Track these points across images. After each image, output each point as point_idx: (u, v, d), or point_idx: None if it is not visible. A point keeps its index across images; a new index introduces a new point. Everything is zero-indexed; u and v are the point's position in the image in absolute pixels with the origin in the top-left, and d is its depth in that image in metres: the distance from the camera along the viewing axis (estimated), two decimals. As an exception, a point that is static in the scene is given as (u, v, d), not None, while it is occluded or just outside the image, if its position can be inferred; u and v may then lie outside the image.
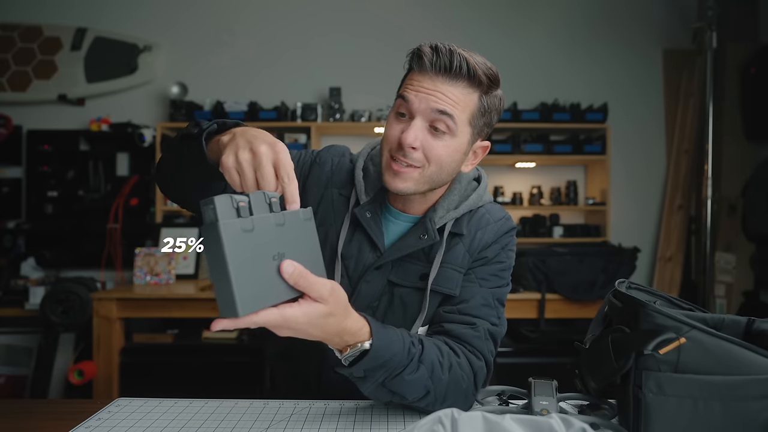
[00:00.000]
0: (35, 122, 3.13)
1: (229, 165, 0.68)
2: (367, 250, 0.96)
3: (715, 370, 0.68)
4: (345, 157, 1.05)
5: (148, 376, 2.48)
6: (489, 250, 0.97)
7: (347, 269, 0.97)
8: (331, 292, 0.67)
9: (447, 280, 0.94)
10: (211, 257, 0.56)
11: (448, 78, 0.85)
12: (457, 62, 0.84)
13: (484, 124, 0.92)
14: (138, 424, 0.83)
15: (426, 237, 0.93)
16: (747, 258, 2.93)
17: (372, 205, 0.97)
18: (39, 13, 3.14)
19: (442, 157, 0.88)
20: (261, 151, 0.67)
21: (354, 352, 0.75)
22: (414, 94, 0.86)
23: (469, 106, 0.87)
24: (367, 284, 0.96)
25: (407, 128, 0.86)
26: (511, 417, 0.62)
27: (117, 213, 3.00)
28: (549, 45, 3.24)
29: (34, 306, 2.65)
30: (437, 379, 0.82)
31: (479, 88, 0.87)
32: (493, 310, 0.94)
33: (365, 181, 0.99)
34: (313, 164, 1.03)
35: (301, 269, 0.64)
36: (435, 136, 0.87)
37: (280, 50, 3.22)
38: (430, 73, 0.86)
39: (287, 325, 0.64)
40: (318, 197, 1.00)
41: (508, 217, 1.02)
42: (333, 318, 0.68)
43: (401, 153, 0.87)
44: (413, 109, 0.86)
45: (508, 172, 3.24)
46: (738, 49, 3.10)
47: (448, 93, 0.85)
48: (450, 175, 0.93)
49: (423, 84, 0.86)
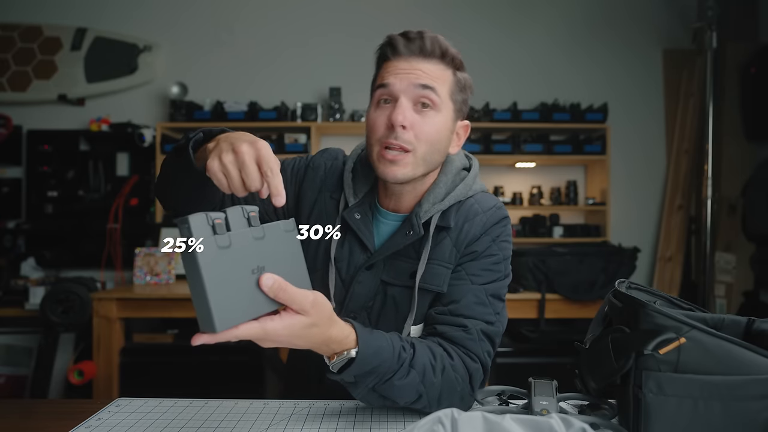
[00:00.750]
0: (35, 122, 3.13)
1: (214, 169, 0.69)
2: (358, 251, 0.96)
3: (715, 370, 0.68)
4: (338, 160, 1.05)
5: (148, 376, 2.48)
6: (478, 244, 0.93)
7: (340, 272, 0.97)
8: (313, 304, 0.67)
9: (434, 277, 0.92)
10: (189, 274, 0.58)
11: (423, 57, 0.89)
12: (428, 43, 0.88)
13: (462, 100, 0.94)
14: (138, 424, 0.83)
15: (411, 233, 0.92)
16: (747, 258, 2.93)
17: (361, 206, 0.97)
18: (39, 13, 3.14)
19: (431, 134, 0.89)
20: (243, 150, 0.68)
21: (341, 360, 0.75)
22: (394, 76, 0.88)
23: (447, 81, 0.90)
24: (359, 285, 0.95)
25: (394, 110, 0.87)
26: (511, 417, 0.62)
27: (117, 213, 3.00)
28: (549, 45, 3.24)
29: (34, 306, 2.65)
30: (429, 383, 0.81)
31: (452, 65, 0.91)
32: (487, 308, 0.90)
33: (354, 183, 0.99)
34: (308, 169, 1.03)
35: (281, 282, 0.64)
36: (422, 113, 0.88)
37: (280, 50, 3.23)
38: (405, 56, 0.89)
39: (268, 337, 0.64)
40: (312, 202, 1.00)
41: (500, 206, 0.98)
42: (316, 328, 0.68)
43: (393, 136, 0.87)
44: (396, 91, 0.88)
45: (508, 172, 3.24)
46: (738, 49, 3.10)
47: (426, 69, 0.88)
48: (441, 154, 0.93)
49: (399, 66, 0.88)
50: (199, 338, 0.58)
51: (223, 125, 3.29)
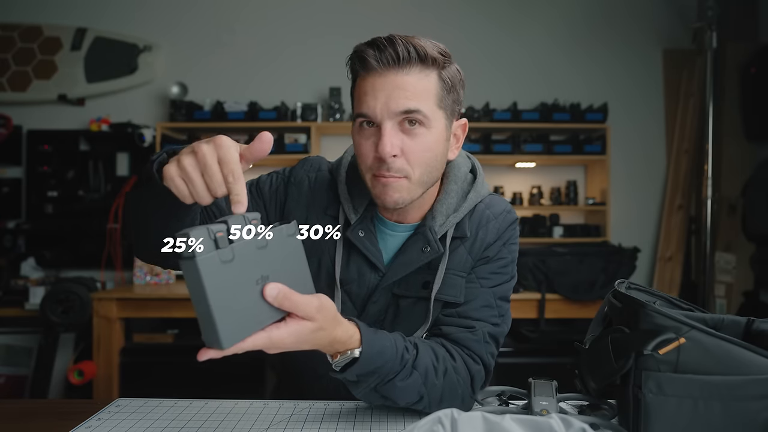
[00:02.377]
0: (35, 122, 3.12)
1: (172, 174, 0.62)
2: (368, 271, 0.92)
3: (714, 370, 0.68)
4: (322, 171, 0.98)
5: (148, 376, 2.48)
6: (491, 249, 0.93)
7: (349, 295, 0.93)
8: (318, 309, 0.66)
9: (450, 288, 0.91)
10: (192, 292, 0.55)
11: (399, 68, 0.79)
12: (402, 49, 0.79)
13: (453, 101, 0.85)
14: (138, 424, 0.83)
15: (429, 249, 0.89)
16: (747, 258, 2.93)
17: (363, 222, 0.91)
18: (39, 13, 3.14)
19: (424, 155, 0.82)
20: (203, 150, 0.61)
21: (344, 359, 0.74)
22: (372, 101, 0.80)
23: (431, 90, 0.81)
24: (374, 305, 0.93)
25: (379, 139, 0.80)
26: (511, 417, 0.62)
27: (117, 213, 3.00)
28: (549, 45, 3.24)
29: (34, 306, 2.65)
30: (431, 384, 0.81)
31: (435, 66, 0.82)
32: (493, 310, 0.91)
33: (351, 198, 0.93)
34: (289, 185, 0.97)
35: (286, 291, 0.62)
36: (410, 133, 0.81)
37: (280, 50, 3.22)
38: (379, 70, 0.80)
39: (275, 346, 0.63)
40: (303, 221, 0.94)
41: (509, 209, 0.97)
42: (323, 332, 0.68)
43: (384, 167, 0.81)
44: (377, 117, 0.80)
45: (508, 172, 3.23)
46: (738, 49, 3.10)
47: (405, 85, 0.79)
48: (439, 168, 0.87)
49: (376, 86, 0.80)
50: (205, 353, 0.57)
51: (223, 125, 3.25)
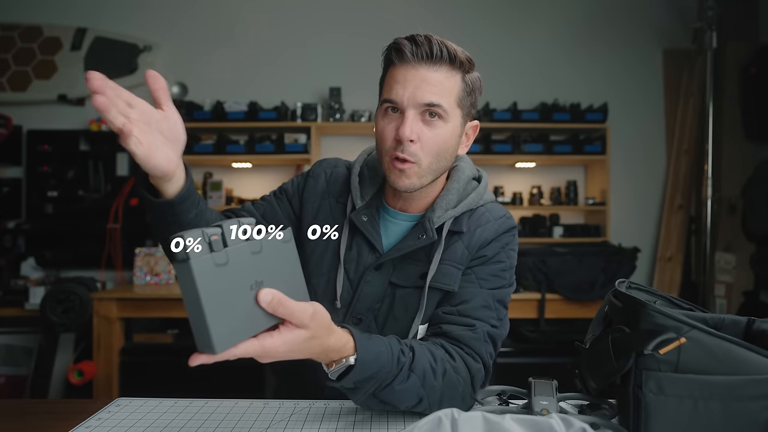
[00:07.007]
0: (35, 122, 3.12)
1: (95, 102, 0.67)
2: (367, 252, 0.97)
3: (715, 370, 0.68)
4: (339, 167, 1.07)
5: (148, 376, 2.48)
6: (488, 248, 0.96)
7: (348, 273, 0.98)
8: (312, 317, 0.66)
9: (445, 276, 0.94)
10: (186, 294, 0.55)
11: (431, 64, 0.88)
12: (437, 48, 0.87)
13: (470, 104, 0.94)
14: (138, 424, 0.83)
15: (424, 237, 0.94)
16: (747, 258, 2.93)
17: (368, 208, 0.98)
18: (39, 13, 3.14)
19: (437, 145, 0.90)
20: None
21: (339, 368, 0.75)
22: (401, 89, 0.88)
23: (454, 89, 0.90)
24: (367, 284, 0.96)
25: (401, 123, 0.88)
26: (511, 417, 0.62)
27: (117, 213, 3.00)
28: (549, 45, 3.24)
29: (34, 306, 2.65)
30: (429, 386, 0.82)
31: (461, 69, 0.90)
32: (492, 312, 0.93)
33: (361, 186, 1.01)
34: (308, 178, 1.06)
35: (280, 296, 0.63)
36: (429, 124, 0.89)
37: (280, 50, 3.22)
38: (413, 62, 0.88)
39: (267, 354, 0.63)
40: (316, 207, 1.02)
41: (509, 216, 1.02)
42: (315, 340, 0.68)
43: (400, 149, 0.89)
44: (403, 104, 0.88)
45: (508, 172, 3.23)
46: (738, 49, 3.10)
47: (433, 81, 0.87)
48: (448, 160, 0.94)
49: (407, 76, 0.88)
50: (197, 359, 0.58)
51: (223, 125, 3.25)
